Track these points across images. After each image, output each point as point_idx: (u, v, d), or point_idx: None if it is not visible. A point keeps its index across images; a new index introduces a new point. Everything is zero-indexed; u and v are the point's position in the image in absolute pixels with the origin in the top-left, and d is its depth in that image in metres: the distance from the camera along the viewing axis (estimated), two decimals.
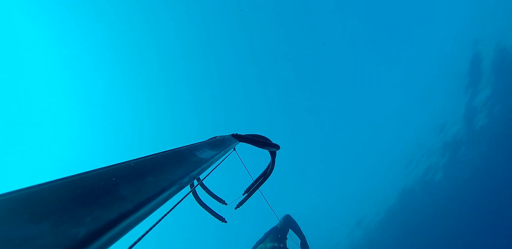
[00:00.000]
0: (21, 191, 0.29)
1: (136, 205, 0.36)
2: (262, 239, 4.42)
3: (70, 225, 0.28)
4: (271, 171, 1.79)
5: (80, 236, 0.27)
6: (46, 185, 0.31)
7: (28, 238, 0.24)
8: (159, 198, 0.43)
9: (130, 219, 0.34)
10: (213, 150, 0.92)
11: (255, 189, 1.83)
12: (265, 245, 4.14)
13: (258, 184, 1.82)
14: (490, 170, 17.27)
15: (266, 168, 1.80)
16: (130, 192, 0.40)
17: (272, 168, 1.76)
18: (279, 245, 3.94)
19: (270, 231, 4.49)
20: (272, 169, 1.77)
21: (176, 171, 0.57)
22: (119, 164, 0.45)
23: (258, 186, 1.82)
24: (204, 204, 1.94)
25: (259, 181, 1.82)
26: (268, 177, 1.81)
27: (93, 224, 0.29)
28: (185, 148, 0.73)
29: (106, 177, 0.40)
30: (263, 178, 1.82)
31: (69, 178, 0.35)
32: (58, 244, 0.25)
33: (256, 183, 1.82)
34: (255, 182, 1.83)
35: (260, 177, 1.82)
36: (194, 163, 0.68)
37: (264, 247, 4.09)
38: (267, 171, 1.80)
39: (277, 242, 4.07)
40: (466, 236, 17.91)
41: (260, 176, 1.83)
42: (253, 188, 1.83)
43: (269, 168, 1.78)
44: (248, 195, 1.84)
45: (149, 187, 0.43)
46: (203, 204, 1.94)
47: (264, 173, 1.81)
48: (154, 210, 0.41)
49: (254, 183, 1.83)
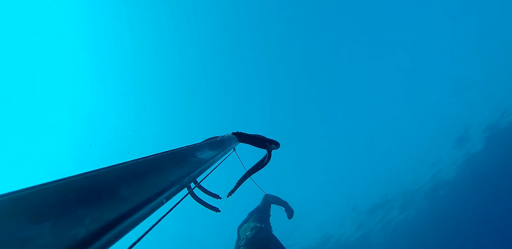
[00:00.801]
0: (21, 191, 0.29)
1: (136, 205, 0.36)
2: (246, 219, 4.64)
3: (70, 226, 0.28)
4: (265, 164, 1.82)
5: (80, 236, 0.27)
6: (46, 185, 0.31)
7: (28, 238, 0.24)
8: (159, 199, 0.43)
9: (130, 219, 0.34)
10: (213, 150, 0.92)
11: (246, 177, 1.88)
12: (248, 225, 4.33)
13: (249, 173, 1.87)
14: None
15: (261, 159, 1.83)
16: (130, 192, 0.40)
17: (267, 162, 1.80)
18: (260, 225, 4.12)
19: (253, 211, 4.72)
20: (267, 163, 1.80)
21: (176, 171, 0.57)
22: (119, 164, 0.45)
23: (249, 175, 1.87)
24: (198, 197, 1.95)
25: (252, 171, 1.87)
26: (261, 169, 1.85)
27: (93, 224, 0.29)
28: (185, 148, 0.73)
29: (107, 177, 0.40)
30: (256, 169, 1.85)
31: (69, 178, 0.35)
32: (58, 244, 0.25)
33: (249, 173, 1.87)
34: (248, 173, 1.87)
35: (253, 168, 1.86)
36: (194, 163, 0.68)
37: (247, 227, 4.28)
38: (261, 162, 1.83)
39: (259, 221, 4.27)
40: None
41: (254, 166, 1.86)
42: (244, 177, 1.88)
43: (264, 160, 1.81)
44: (239, 183, 1.90)
45: (149, 188, 0.43)
46: (197, 198, 1.95)
47: (258, 164, 1.85)
48: (154, 210, 0.41)
49: (247, 173, 1.87)
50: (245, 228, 4.34)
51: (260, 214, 4.52)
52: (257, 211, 4.63)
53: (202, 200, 2.00)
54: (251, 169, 1.86)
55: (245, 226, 4.39)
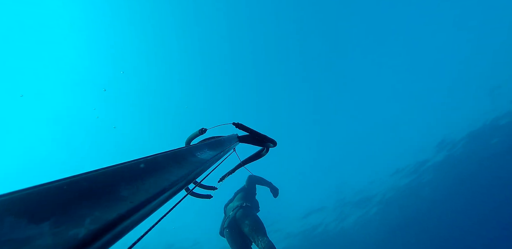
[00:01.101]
0: (21, 191, 0.29)
1: (136, 205, 0.37)
2: (232, 198, 4.80)
3: (70, 226, 0.28)
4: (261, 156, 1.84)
5: (80, 236, 0.27)
6: (46, 185, 0.31)
7: (28, 238, 0.24)
8: (159, 199, 0.43)
9: (130, 219, 0.34)
10: (213, 150, 0.92)
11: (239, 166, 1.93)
12: (234, 204, 4.47)
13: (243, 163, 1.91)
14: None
15: (258, 151, 1.85)
16: (130, 192, 0.40)
17: (264, 154, 1.82)
18: (246, 204, 4.27)
19: (239, 190, 4.86)
20: (264, 155, 1.83)
21: (176, 171, 0.57)
22: (119, 164, 0.45)
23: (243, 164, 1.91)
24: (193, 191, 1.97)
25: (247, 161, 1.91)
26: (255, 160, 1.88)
27: (93, 224, 0.29)
28: (185, 148, 0.73)
29: (106, 177, 0.40)
30: (251, 159, 1.89)
31: (69, 178, 0.35)
32: (58, 244, 0.25)
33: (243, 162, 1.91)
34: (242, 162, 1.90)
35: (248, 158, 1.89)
36: (194, 163, 0.68)
37: (232, 206, 4.42)
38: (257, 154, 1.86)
39: (245, 200, 4.42)
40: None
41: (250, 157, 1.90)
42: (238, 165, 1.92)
43: (261, 152, 1.84)
44: (232, 171, 1.95)
45: (149, 188, 0.44)
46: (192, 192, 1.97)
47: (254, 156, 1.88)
48: (154, 210, 0.41)
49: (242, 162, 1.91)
50: (230, 207, 4.49)
51: (245, 193, 4.65)
52: (242, 190, 4.77)
53: (195, 192, 2.02)
54: (246, 159, 1.89)
55: (230, 205, 4.54)
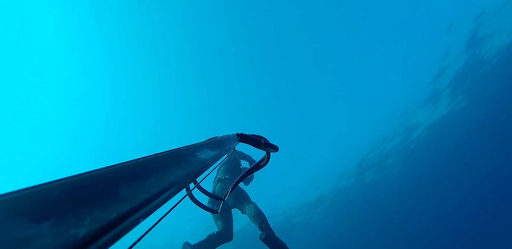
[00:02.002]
0: (21, 191, 0.29)
1: (136, 205, 0.37)
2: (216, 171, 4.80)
3: (70, 226, 0.28)
4: (263, 166, 1.84)
5: (80, 236, 0.27)
6: (46, 185, 0.31)
7: (28, 238, 0.24)
8: (159, 199, 0.43)
9: (130, 219, 0.34)
10: (213, 150, 0.92)
11: (242, 178, 1.91)
12: (216, 176, 4.54)
13: (246, 174, 1.90)
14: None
15: (259, 161, 1.85)
16: (130, 192, 0.40)
17: (265, 164, 1.81)
18: (225, 177, 4.32)
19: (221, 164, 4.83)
20: (265, 164, 1.82)
21: (176, 171, 0.57)
22: (119, 164, 0.45)
23: (246, 176, 1.90)
24: (196, 200, 1.97)
25: (249, 172, 1.89)
26: (258, 170, 1.87)
27: (93, 224, 0.29)
28: (185, 148, 0.73)
29: (106, 177, 0.40)
30: (253, 170, 1.88)
31: (69, 178, 0.35)
32: (58, 244, 0.25)
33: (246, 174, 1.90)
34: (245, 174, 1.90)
35: (250, 169, 1.89)
36: (194, 163, 0.68)
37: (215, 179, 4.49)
38: (258, 164, 1.85)
39: (224, 173, 4.43)
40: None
41: (251, 168, 1.89)
42: (240, 178, 1.90)
43: (262, 162, 1.83)
44: (235, 184, 1.92)
45: (149, 188, 0.44)
46: (195, 200, 1.97)
47: (255, 166, 1.87)
48: (154, 210, 0.41)
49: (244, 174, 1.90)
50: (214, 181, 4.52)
51: (226, 166, 4.63)
52: (224, 163, 4.76)
53: (200, 202, 2.02)
54: (248, 170, 1.88)
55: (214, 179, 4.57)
